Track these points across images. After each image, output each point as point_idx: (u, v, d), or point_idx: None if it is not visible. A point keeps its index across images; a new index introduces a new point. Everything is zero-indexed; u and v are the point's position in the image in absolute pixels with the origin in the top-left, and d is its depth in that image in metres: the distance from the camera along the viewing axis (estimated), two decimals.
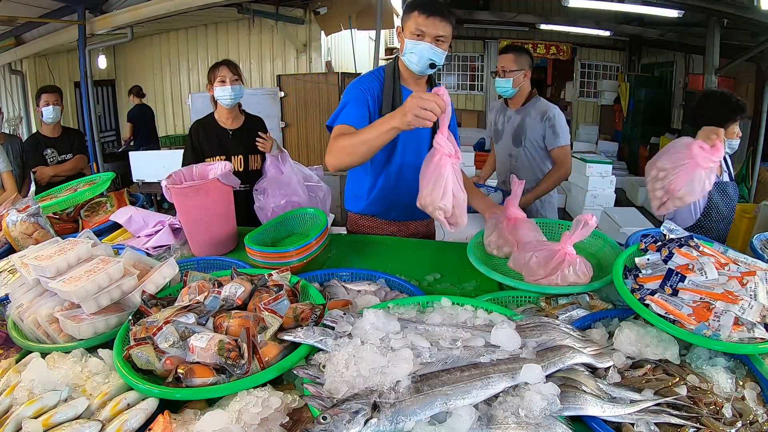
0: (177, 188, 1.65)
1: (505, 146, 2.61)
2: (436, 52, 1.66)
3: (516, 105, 2.53)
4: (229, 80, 2.40)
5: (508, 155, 2.61)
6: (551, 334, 1.00)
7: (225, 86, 2.40)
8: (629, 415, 0.84)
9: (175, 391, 0.88)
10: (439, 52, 1.67)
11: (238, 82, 2.43)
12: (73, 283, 1.14)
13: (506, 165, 2.66)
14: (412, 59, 1.69)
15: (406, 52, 1.70)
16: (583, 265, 1.34)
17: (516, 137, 2.51)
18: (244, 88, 2.52)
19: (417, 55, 1.67)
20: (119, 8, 4.93)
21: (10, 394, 0.92)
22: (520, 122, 2.49)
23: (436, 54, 1.67)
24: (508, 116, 2.57)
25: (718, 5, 4.82)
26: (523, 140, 2.49)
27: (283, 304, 1.08)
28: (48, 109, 3.19)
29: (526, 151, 2.51)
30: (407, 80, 1.81)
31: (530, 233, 1.59)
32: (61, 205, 2.08)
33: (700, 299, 1.04)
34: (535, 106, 2.46)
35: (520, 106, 2.50)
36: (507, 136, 2.56)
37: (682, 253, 1.18)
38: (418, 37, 1.65)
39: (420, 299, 1.22)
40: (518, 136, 2.50)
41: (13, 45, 6.23)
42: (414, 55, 1.67)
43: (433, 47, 1.66)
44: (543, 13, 8.01)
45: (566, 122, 2.49)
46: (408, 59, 1.71)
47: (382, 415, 0.78)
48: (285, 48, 7.07)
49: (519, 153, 2.55)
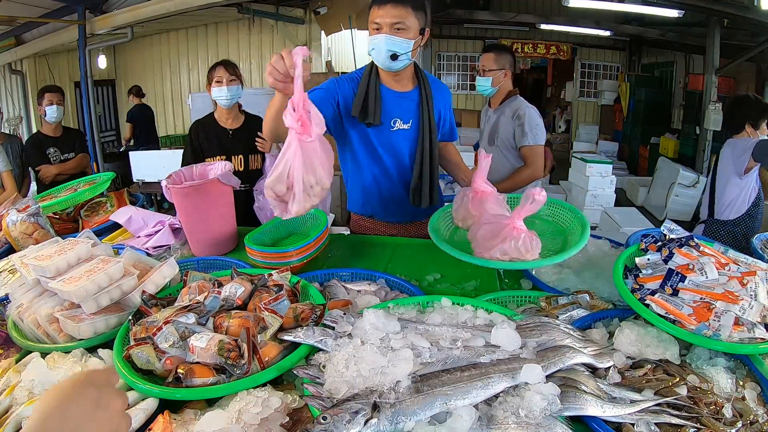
0: (177, 188, 1.65)
1: (483, 145, 2.66)
2: (394, 41, 1.56)
3: (495, 105, 2.55)
4: (225, 81, 2.40)
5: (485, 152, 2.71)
6: (551, 334, 1.00)
7: (221, 87, 2.40)
8: (629, 415, 0.84)
9: (175, 391, 0.88)
10: (399, 40, 1.56)
11: (235, 82, 2.43)
12: (73, 283, 1.14)
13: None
14: (374, 54, 1.62)
15: (369, 49, 1.63)
16: (528, 241, 1.29)
17: (490, 136, 2.54)
18: (245, 88, 2.53)
19: (377, 49, 1.60)
20: (119, 8, 4.93)
21: (10, 394, 0.92)
22: (495, 121, 2.51)
23: (395, 43, 1.57)
24: (489, 116, 2.61)
25: (719, 5, 4.82)
26: (495, 139, 2.50)
27: (284, 304, 1.08)
28: (51, 108, 3.22)
29: (498, 150, 2.50)
30: (386, 79, 1.73)
31: (495, 207, 1.53)
32: (61, 205, 2.08)
33: (700, 299, 1.04)
34: (510, 105, 2.46)
35: (498, 105, 2.53)
36: (485, 134, 2.62)
37: (683, 253, 1.18)
38: (377, 30, 1.58)
39: (420, 299, 1.22)
40: (492, 134, 2.53)
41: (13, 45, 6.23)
42: (374, 50, 1.60)
43: (391, 37, 1.56)
44: (543, 13, 8.01)
45: (541, 122, 2.45)
46: (372, 54, 1.63)
47: (382, 415, 0.78)
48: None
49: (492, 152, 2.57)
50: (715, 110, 5.64)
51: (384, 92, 1.71)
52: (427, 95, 1.75)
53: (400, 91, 1.75)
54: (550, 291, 1.36)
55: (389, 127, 1.74)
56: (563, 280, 1.46)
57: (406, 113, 1.75)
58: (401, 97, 1.75)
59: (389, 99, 1.72)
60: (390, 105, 1.72)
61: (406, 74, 1.73)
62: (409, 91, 1.76)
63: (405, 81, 1.74)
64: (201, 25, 7.40)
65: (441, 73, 10.01)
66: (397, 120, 1.75)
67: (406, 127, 1.76)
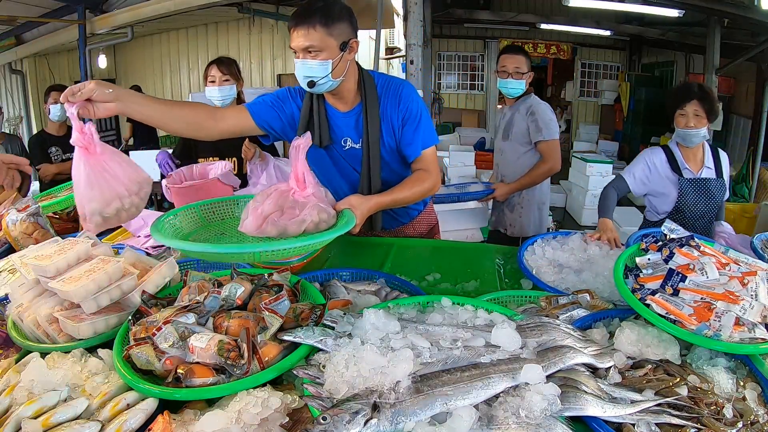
0: (177, 188, 1.65)
1: (498, 143, 2.71)
2: (310, 66, 1.45)
3: (510, 102, 2.59)
4: (218, 80, 2.35)
5: (499, 150, 2.72)
6: (552, 334, 1.00)
7: (214, 87, 2.36)
8: (630, 415, 0.84)
9: (174, 392, 0.88)
10: (314, 65, 1.45)
11: (228, 82, 2.37)
12: (72, 282, 1.14)
13: (497, 161, 2.77)
14: (299, 79, 1.51)
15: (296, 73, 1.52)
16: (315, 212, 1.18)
17: (504, 132, 2.60)
18: (244, 87, 2.50)
19: (297, 76, 1.50)
20: (119, 8, 4.94)
21: (9, 394, 0.92)
22: (510, 117, 2.56)
23: (310, 68, 1.45)
24: (503, 114, 2.65)
25: (719, 5, 4.82)
26: (509, 134, 2.56)
27: (284, 304, 1.07)
28: (56, 107, 3.24)
29: (511, 145, 2.57)
30: (329, 99, 1.63)
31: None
32: (61, 204, 2.07)
33: (701, 299, 1.04)
34: (524, 103, 2.50)
35: (513, 102, 2.56)
36: (499, 132, 2.68)
37: (683, 253, 1.18)
38: (296, 55, 1.47)
39: (420, 299, 1.22)
40: (506, 130, 2.58)
41: (13, 45, 6.23)
42: (299, 74, 1.49)
43: (305, 62, 1.45)
44: (543, 12, 8.00)
45: (554, 117, 2.52)
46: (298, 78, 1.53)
47: (382, 416, 0.78)
48: (285, 47, 7.07)
49: (504, 147, 2.63)
50: None
51: (330, 112, 1.64)
52: (369, 111, 1.60)
53: (344, 111, 1.64)
54: (550, 291, 1.37)
55: (342, 146, 1.67)
56: (563, 280, 1.46)
57: (354, 132, 1.66)
58: (346, 116, 1.64)
59: (336, 119, 1.65)
60: (339, 124, 1.65)
61: (344, 92, 1.60)
62: (353, 109, 1.64)
63: (347, 99, 1.62)
64: (201, 24, 7.40)
65: (441, 73, 10.02)
66: (347, 139, 1.67)
67: (357, 146, 1.66)
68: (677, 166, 2.06)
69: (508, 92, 2.48)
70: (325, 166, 1.71)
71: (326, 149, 1.67)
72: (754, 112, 6.03)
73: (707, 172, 2.05)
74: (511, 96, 2.51)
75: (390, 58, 10.49)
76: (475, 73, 10.07)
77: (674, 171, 2.05)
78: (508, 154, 2.62)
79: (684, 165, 2.06)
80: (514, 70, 2.41)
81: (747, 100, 6.38)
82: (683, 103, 1.99)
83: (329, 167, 1.71)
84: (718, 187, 2.03)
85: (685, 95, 2.01)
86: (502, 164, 2.68)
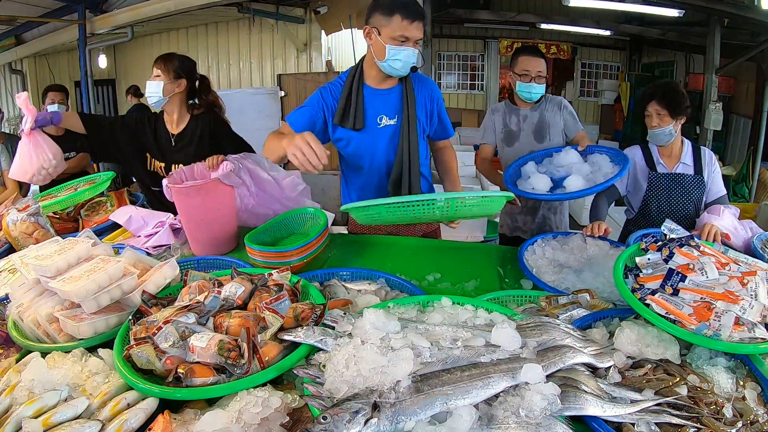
0: (177, 188, 1.65)
1: (524, 146, 2.38)
2: (416, 54, 1.66)
3: (529, 104, 2.38)
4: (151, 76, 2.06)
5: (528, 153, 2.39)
6: (551, 333, 1.00)
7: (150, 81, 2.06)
8: (630, 415, 0.84)
9: (175, 391, 0.88)
10: (416, 53, 1.67)
11: (158, 77, 2.03)
12: (73, 282, 1.14)
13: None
14: (396, 65, 1.66)
15: (388, 58, 1.65)
16: None
17: (538, 133, 2.37)
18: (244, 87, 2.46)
19: (401, 61, 1.65)
20: (119, 7, 4.93)
21: (10, 393, 0.92)
22: (540, 119, 2.37)
23: (415, 56, 1.67)
24: (524, 115, 2.39)
25: (719, 5, 4.82)
26: (547, 135, 2.36)
27: (285, 304, 1.07)
28: (53, 107, 3.24)
29: (550, 145, 2.35)
30: (373, 79, 1.77)
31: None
32: (61, 204, 2.08)
33: (700, 299, 1.04)
34: (551, 101, 2.39)
35: (535, 103, 2.37)
36: (525, 134, 2.39)
37: (683, 252, 1.18)
38: (402, 42, 1.63)
39: (420, 299, 1.22)
40: (540, 131, 2.37)
41: (14, 44, 6.23)
42: (398, 61, 1.65)
43: (414, 51, 1.65)
44: (543, 12, 8.00)
45: None
46: (390, 65, 1.66)
47: (383, 415, 0.78)
48: (285, 47, 7.07)
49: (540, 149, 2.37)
50: (715, 110, 5.63)
51: (367, 92, 1.77)
52: (408, 90, 1.79)
53: (384, 88, 1.79)
54: (550, 291, 1.37)
55: (376, 125, 1.80)
56: (563, 279, 1.46)
57: (391, 109, 1.80)
58: (385, 93, 1.79)
59: (373, 97, 1.78)
60: (375, 103, 1.78)
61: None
62: (392, 87, 1.81)
63: (391, 79, 1.78)
64: (201, 24, 7.39)
65: (441, 73, 10.00)
66: (383, 116, 1.79)
67: (392, 122, 1.81)
68: (652, 161, 2.09)
69: (530, 97, 2.30)
70: (361, 146, 1.81)
71: (361, 131, 1.78)
72: (754, 112, 6.03)
73: (683, 167, 2.04)
74: (532, 100, 2.34)
75: None
76: (475, 73, 10.05)
77: (649, 166, 2.09)
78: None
79: (659, 160, 2.08)
80: (537, 74, 2.25)
81: (747, 100, 6.38)
82: (646, 104, 2.02)
83: (367, 147, 1.81)
84: (695, 183, 2.02)
85: (646, 96, 2.04)
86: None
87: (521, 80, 2.25)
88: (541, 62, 2.25)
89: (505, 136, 2.45)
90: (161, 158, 2.16)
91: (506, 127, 2.42)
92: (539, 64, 2.25)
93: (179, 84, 2.08)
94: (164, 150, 2.15)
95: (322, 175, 5.89)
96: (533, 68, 2.23)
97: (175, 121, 2.15)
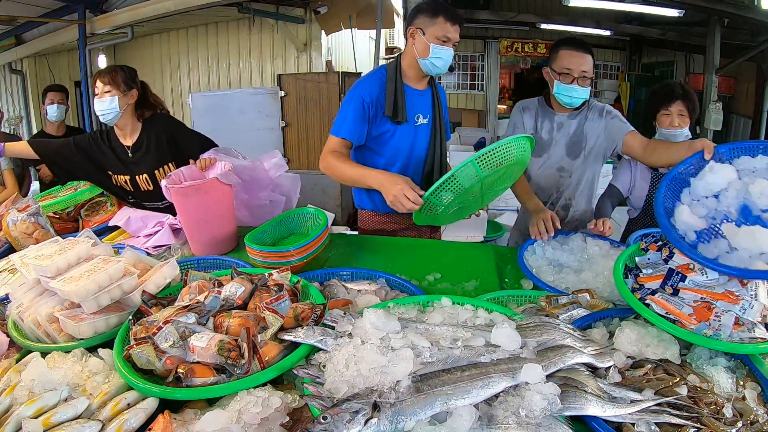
0: (177, 188, 1.65)
1: (554, 159, 2.04)
2: (452, 54, 1.82)
3: (567, 109, 1.97)
4: (100, 92, 1.99)
5: (556, 169, 2.05)
6: (551, 333, 1.00)
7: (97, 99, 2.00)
8: (630, 415, 0.84)
9: (175, 391, 0.88)
10: (452, 53, 1.83)
11: (109, 93, 1.97)
12: (73, 282, 1.14)
13: (552, 180, 2.08)
14: (438, 63, 1.80)
15: (431, 56, 1.78)
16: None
17: (573, 147, 2.00)
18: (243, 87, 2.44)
19: (443, 60, 1.80)
20: (119, 7, 4.93)
21: (10, 393, 0.92)
22: (578, 129, 1.98)
23: (452, 58, 1.84)
24: (559, 122, 2.00)
25: (719, 5, 4.81)
26: (583, 149, 1.99)
27: (285, 304, 1.08)
28: (52, 107, 3.23)
29: (585, 163, 2.03)
30: (411, 78, 1.89)
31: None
32: (61, 204, 2.08)
33: (700, 299, 1.04)
34: (591, 108, 1.99)
35: (575, 109, 1.97)
36: (558, 146, 2.02)
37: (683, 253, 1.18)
38: (444, 43, 1.78)
39: (420, 299, 1.22)
40: (576, 145, 1.99)
41: (13, 44, 6.22)
42: (440, 59, 1.79)
43: (450, 51, 1.82)
44: (543, 12, 7.99)
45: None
46: (432, 62, 1.80)
47: (383, 415, 0.78)
48: (285, 47, 7.06)
49: (573, 166, 2.03)
50: (715, 110, 5.63)
51: (406, 90, 1.88)
52: (437, 93, 1.98)
53: (420, 89, 1.93)
54: (550, 291, 1.37)
55: (414, 123, 1.91)
56: (563, 279, 1.46)
57: (425, 109, 1.94)
58: (420, 94, 1.93)
59: (411, 96, 1.89)
60: (413, 101, 1.89)
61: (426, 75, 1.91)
62: (426, 89, 1.95)
63: (425, 80, 1.94)
64: (201, 24, 7.38)
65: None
66: (419, 115, 1.92)
67: (425, 121, 1.94)
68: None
69: (571, 102, 1.89)
70: (402, 139, 1.90)
71: (403, 125, 1.88)
72: (754, 112, 6.03)
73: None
74: (572, 106, 1.93)
75: (390, 58, 10.50)
76: (475, 72, 10.04)
77: (650, 167, 2.04)
78: (577, 175, 2.05)
79: None
80: (581, 74, 1.84)
81: (747, 100, 6.38)
82: (668, 103, 1.97)
83: (406, 141, 1.91)
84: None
85: (669, 95, 1.99)
86: (568, 188, 2.07)
87: (561, 80, 1.86)
88: (586, 59, 1.85)
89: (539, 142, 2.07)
90: (124, 172, 2.11)
91: (536, 133, 2.05)
92: (584, 62, 1.84)
93: (132, 95, 2.03)
94: (124, 163, 2.10)
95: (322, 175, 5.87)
96: (576, 66, 1.83)
97: (129, 133, 2.08)
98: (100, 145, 2.10)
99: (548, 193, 2.10)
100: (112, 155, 2.10)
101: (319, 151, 1.86)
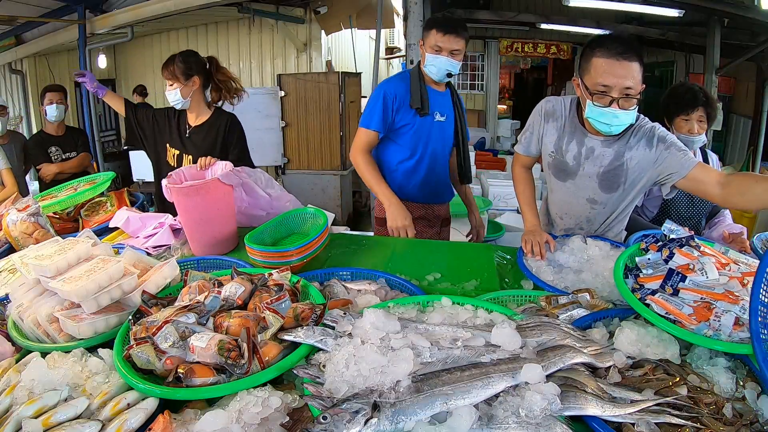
0: (177, 188, 1.65)
1: (580, 189, 1.70)
2: (452, 63, 2.00)
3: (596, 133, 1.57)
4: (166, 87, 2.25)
5: (586, 200, 1.71)
6: (551, 333, 1.00)
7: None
8: (630, 415, 0.84)
9: (175, 391, 0.88)
10: (455, 63, 2.01)
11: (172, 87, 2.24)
12: (73, 282, 1.14)
13: (581, 209, 1.75)
14: (432, 70, 2.04)
15: (427, 64, 2.04)
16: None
17: (608, 181, 1.63)
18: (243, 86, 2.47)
19: (436, 67, 2.02)
20: (119, 7, 4.93)
21: (10, 393, 0.92)
22: (615, 159, 1.58)
23: (452, 65, 2.01)
24: (590, 147, 1.61)
25: (719, 5, 4.81)
26: (622, 184, 1.62)
27: (286, 304, 1.07)
28: (51, 107, 3.24)
29: (624, 198, 1.67)
30: (430, 82, 2.12)
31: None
32: (61, 204, 2.08)
33: (700, 299, 1.04)
34: (635, 133, 1.55)
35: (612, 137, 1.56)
36: (589, 177, 1.66)
37: (683, 253, 1.18)
38: (436, 51, 1.99)
39: (420, 299, 1.22)
40: (613, 179, 1.62)
41: (14, 44, 6.22)
42: (434, 66, 2.02)
43: (449, 59, 1.99)
44: (543, 12, 7.99)
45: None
46: (429, 70, 2.05)
47: (383, 415, 0.78)
48: (285, 47, 7.06)
49: (609, 200, 1.68)
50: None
51: (429, 92, 2.12)
52: (455, 95, 2.25)
53: (438, 90, 2.16)
54: (550, 290, 1.36)
55: (433, 118, 2.14)
56: (563, 279, 1.46)
57: (443, 108, 2.17)
58: (440, 94, 2.18)
59: (432, 95, 2.13)
60: (432, 100, 2.12)
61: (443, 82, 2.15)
62: (444, 91, 2.21)
63: (441, 84, 2.17)
64: (201, 24, 7.39)
65: None
66: (436, 113, 2.15)
67: (443, 119, 2.17)
68: None
69: (609, 131, 1.47)
70: (422, 130, 2.13)
71: (424, 118, 2.10)
72: (754, 112, 6.03)
73: None
74: (612, 134, 1.52)
75: (390, 58, 10.49)
76: (475, 73, 10.05)
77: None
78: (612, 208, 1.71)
79: None
80: (623, 92, 1.37)
81: (747, 100, 6.38)
82: (690, 110, 1.92)
83: (426, 132, 2.14)
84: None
85: (692, 101, 1.92)
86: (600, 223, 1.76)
87: (595, 101, 1.41)
88: (631, 70, 1.36)
89: (555, 164, 1.71)
90: (177, 146, 2.29)
91: (557, 153, 1.68)
92: (628, 74, 1.36)
93: (193, 82, 2.23)
94: (181, 138, 2.30)
95: (322, 175, 5.89)
96: (617, 83, 1.36)
97: (196, 116, 2.31)
98: (171, 119, 2.34)
99: (576, 221, 1.79)
100: (175, 128, 2.32)
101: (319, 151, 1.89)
